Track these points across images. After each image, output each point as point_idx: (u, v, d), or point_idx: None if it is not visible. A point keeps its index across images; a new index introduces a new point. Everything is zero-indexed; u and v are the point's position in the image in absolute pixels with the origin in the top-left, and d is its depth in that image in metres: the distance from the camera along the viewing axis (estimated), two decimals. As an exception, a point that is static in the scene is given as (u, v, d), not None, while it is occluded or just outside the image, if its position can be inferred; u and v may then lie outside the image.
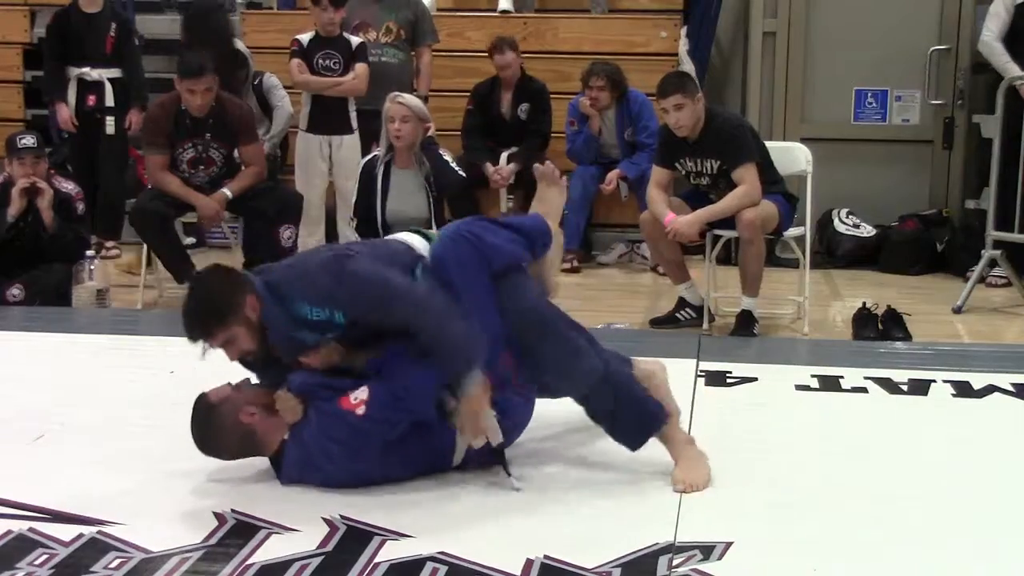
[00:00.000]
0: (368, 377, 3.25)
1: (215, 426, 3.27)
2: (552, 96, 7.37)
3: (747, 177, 5.23)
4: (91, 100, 7.30)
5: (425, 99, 6.87)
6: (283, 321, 3.25)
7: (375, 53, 6.84)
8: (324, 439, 3.22)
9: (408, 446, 3.27)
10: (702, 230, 5.43)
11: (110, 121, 7.32)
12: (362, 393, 3.20)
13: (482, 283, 3.32)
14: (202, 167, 5.96)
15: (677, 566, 2.78)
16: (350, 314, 3.22)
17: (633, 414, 3.38)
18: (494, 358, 3.30)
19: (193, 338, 3.25)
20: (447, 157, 5.77)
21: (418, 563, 2.80)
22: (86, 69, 7.29)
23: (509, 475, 3.30)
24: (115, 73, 7.35)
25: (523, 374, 3.40)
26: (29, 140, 5.93)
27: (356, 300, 3.20)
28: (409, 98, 5.67)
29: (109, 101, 7.32)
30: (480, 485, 3.30)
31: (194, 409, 3.30)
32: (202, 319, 3.24)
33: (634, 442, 3.41)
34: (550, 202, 3.89)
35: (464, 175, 5.85)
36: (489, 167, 7.17)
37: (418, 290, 3.27)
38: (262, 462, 3.47)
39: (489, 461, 3.35)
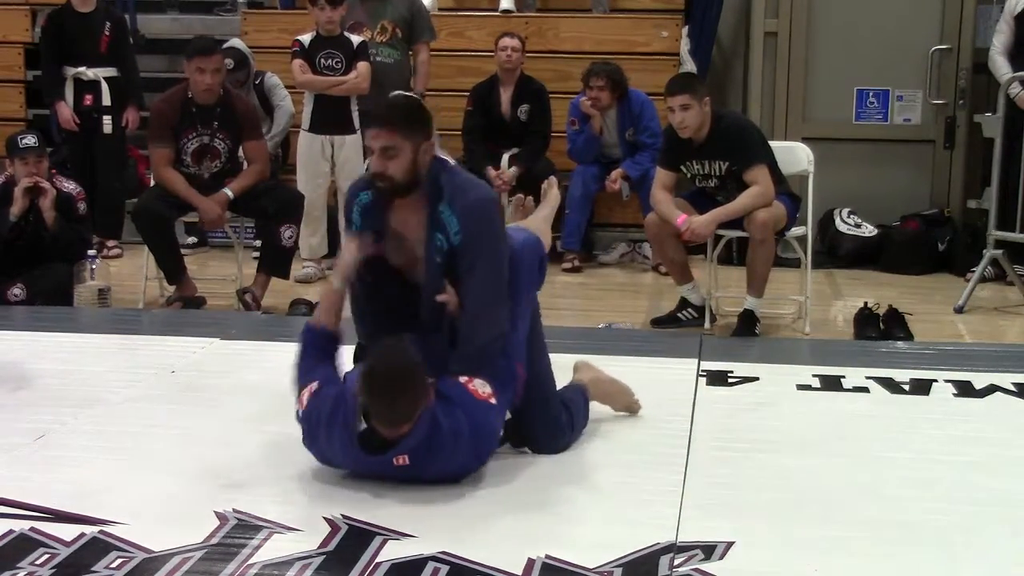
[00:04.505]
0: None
1: (415, 387, 3.14)
2: (553, 96, 7.37)
3: (760, 178, 5.23)
4: (88, 100, 7.30)
5: (422, 97, 6.87)
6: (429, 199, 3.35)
7: (371, 53, 6.83)
8: (461, 424, 3.19)
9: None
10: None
11: (107, 120, 7.33)
12: (484, 386, 3.27)
13: (532, 292, 3.56)
14: (207, 158, 5.94)
15: (678, 566, 2.78)
16: (460, 253, 3.34)
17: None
18: (513, 364, 3.42)
19: (377, 122, 3.38)
20: None
21: (419, 563, 2.79)
22: (82, 69, 7.29)
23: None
24: (111, 72, 7.35)
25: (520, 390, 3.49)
26: (31, 139, 5.94)
27: (479, 252, 3.34)
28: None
29: (106, 100, 7.32)
30: (482, 485, 3.29)
31: (396, 363, 3.14)
32: (402, 112, 3.39)
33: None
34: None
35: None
36: (491, 171, 7.15)
37: (501, 286, 3.39)
38: (263, 462, 3.47)
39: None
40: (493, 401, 3.28)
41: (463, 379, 3.29)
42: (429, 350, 3.29)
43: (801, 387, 4.39)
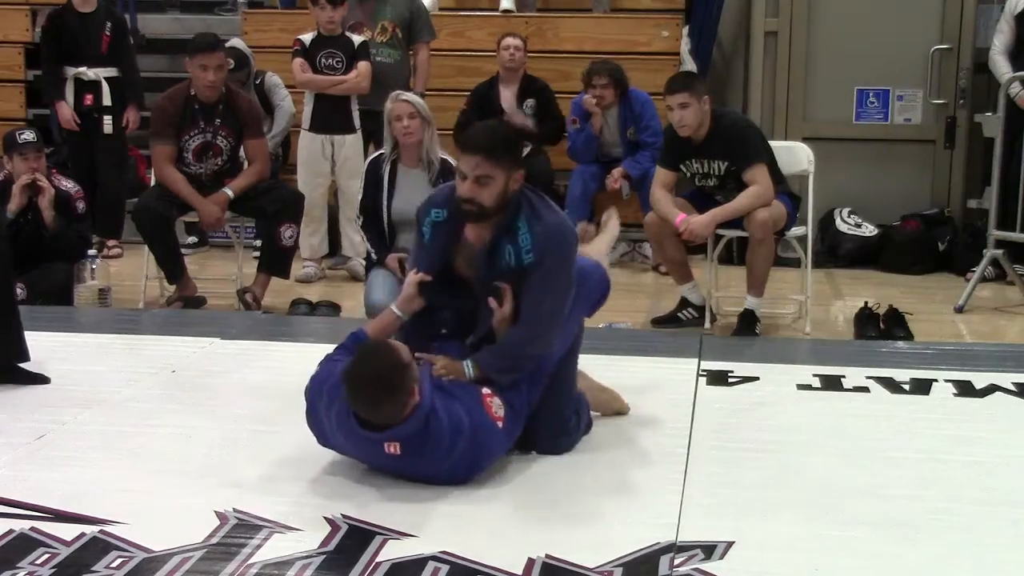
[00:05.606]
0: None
1: (397, 390, 3.13)
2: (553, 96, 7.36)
3: (759, 177, 5.23)
4: (88, 100, 7.30)
5: (422, 96, 6.87)
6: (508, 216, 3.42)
7: (371, 53, 6.82)
8: (463, 424, 3.21)
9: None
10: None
11: (107, 120, 7.33)
12: (500, 408, 3.31)
13: (583, 315, 3.63)
14: (209, 155, 5.94)
15: (679, 565, 2.78)
16: (533, 272, 3.39)
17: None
18: (542, 374, 3.49)
19: (476, 149, 3.37)
20: None
21: (420, 562, 2.79)
22: (83, 69, 7.30)
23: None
24: (111, 72, 7.35)
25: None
26: (29, 135, 5.97)
27: (546, 274, 3.39)
28: (412, 96, 5.66)
29: (106, 100, 7.32)
30: (482, 485, 3.29)
31: (381, 362, 3.15)
32: (501, 142, 3.40)
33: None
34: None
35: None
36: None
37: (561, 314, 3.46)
38: (263, 462, 3.47)
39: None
40: (500, 425, 3.30)
41: (485, 391, 3.32)
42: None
43: (801, 387, 4.39)
